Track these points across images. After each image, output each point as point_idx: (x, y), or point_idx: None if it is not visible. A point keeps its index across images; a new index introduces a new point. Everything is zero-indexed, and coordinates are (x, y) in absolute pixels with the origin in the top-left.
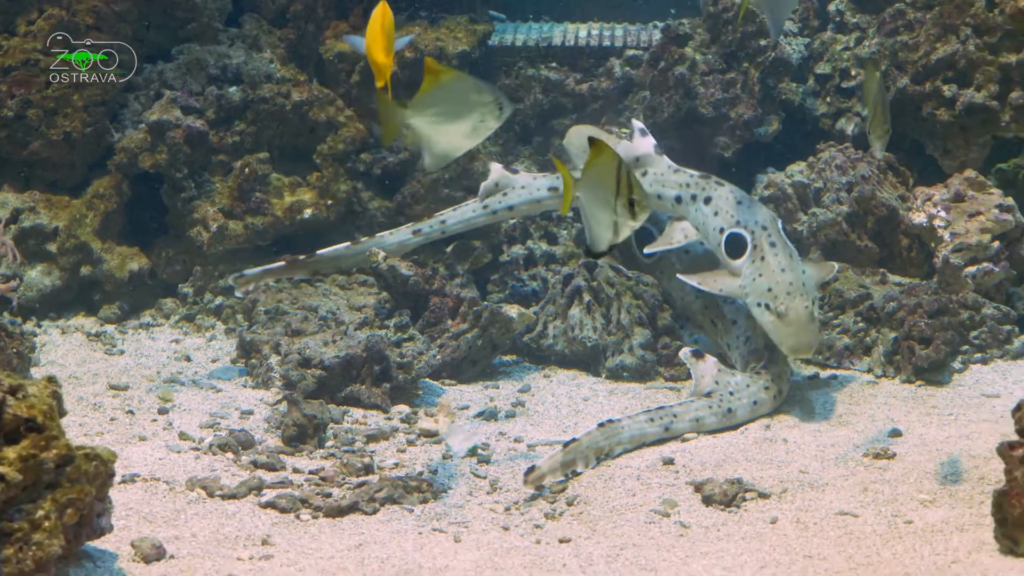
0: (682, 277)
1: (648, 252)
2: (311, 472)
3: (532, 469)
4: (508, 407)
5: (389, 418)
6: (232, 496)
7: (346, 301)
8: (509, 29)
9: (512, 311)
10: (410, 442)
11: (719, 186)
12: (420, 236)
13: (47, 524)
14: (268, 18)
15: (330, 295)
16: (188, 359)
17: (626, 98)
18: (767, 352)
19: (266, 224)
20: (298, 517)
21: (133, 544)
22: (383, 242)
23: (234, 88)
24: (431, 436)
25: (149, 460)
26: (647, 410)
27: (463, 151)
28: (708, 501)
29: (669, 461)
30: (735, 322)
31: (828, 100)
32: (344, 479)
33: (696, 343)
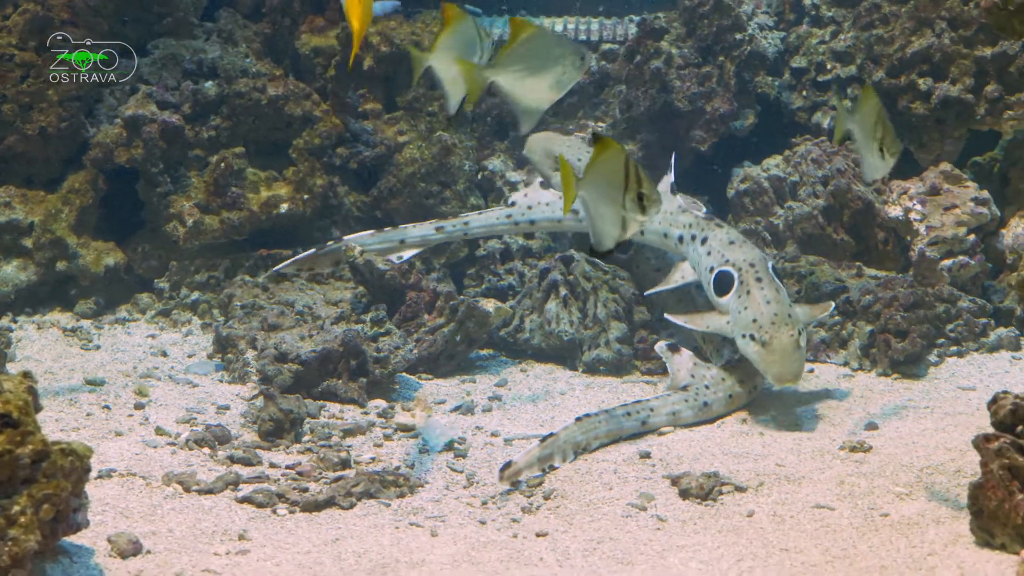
0: (669, 317)
1: (648, 294)
2: (288, 467)
3: (508, 464)
4: (485, 401)
5: (366, 412)
6: (209, 491)
7: (322, 296)
8: (484, 23)
9: (489, 305)
10: (387, 436)
11: (717, 228)
12: (442, 233)
13: (23, 520)
14: (244, 13)
15: (306, 290)
16: (164, 354)
17: (602, 92)
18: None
19: (242, 219)
20: (275, 512)
21: (110, 539)
22: (407, 234)
23: (210, 83)
24: (408, 430)
25: (125, 455)
26: (624, 404)
27: (549, 104)
28: (685, 495)
29: (646, 455)
30: None
31: (804, 94)
32: (321, 474)
33: (671, 336)
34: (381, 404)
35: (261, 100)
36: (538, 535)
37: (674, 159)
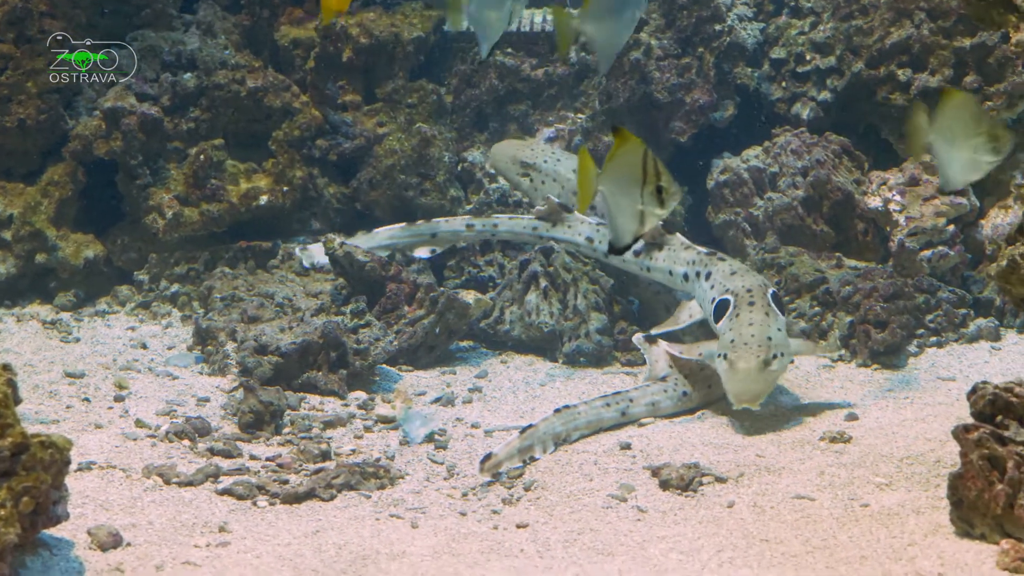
0: (670, 350)
1: (656, 333)
2: (268, 459)
3: (489, 456)
4: (465, 393)
5: (346, 404)
6: (189, 483)
7: (302, 287)
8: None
9: (469, 297)
10: (367, 428)
11: (720, 262)
12: (472, 232)
13: (2, 512)
14: (223, 4)
15: (286, 282)
16: (144, 346)
17: (581, 83)
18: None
19: (222, 211)
20: (255, 504)
21: (90, 532)
22: (438, 228)
23: (189, 75)
24: (388, 422)
25: (105, 448)
26: (603, 395)
27: (622, 45)
28: (665, 485)
29: (626, 446)
30: None
31: (783, 85)
32: (301, 466)
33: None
34: (361, 396)
35: (240, 92)
36: (518, 526)
37: None
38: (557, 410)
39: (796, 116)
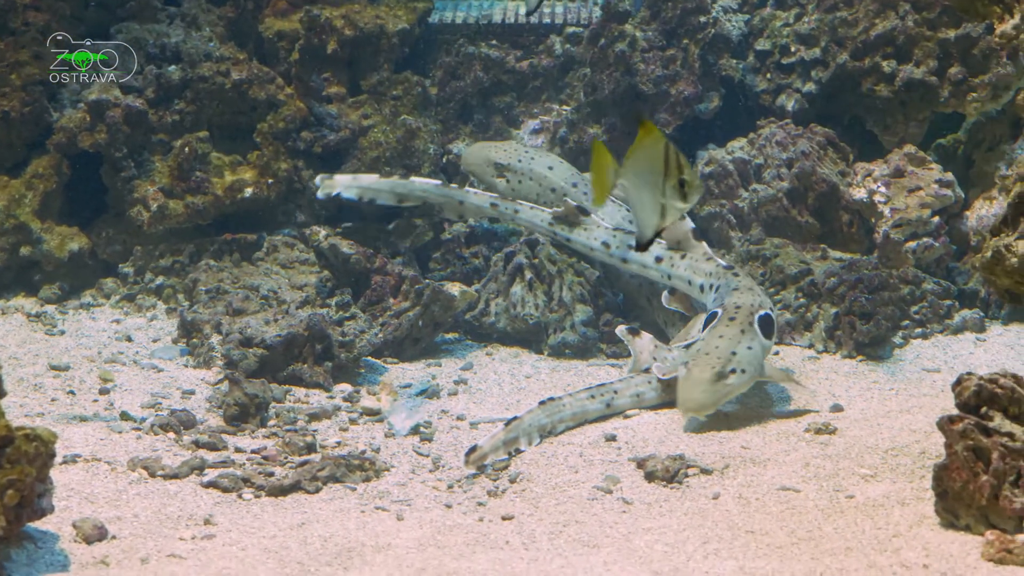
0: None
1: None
2: (253, 451)
3: (474, 449)
4: (450, 385)
5: (331, 397)
6: (174, 476)
7: (287, 280)
8: (449, 6)
9: (454, 289)
10: (352, 420)
11: (733, 277)
12: (495, 211)
13: None
14: None
15: (271, 274)
16: (129, 339)
17: (566, 75)
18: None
19: (207, 203)
20: (240, 496)
21: (75, 525)
22: (467, 197)
23: (173, 67)
24: (373, 414)
25: (90, 440)
26: (588, 387)
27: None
28: (650, 477)
29: (611, 438)
30: None
31: (768, 76)
32: (286, 458)
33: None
34: (347, 388)
35: (225, 84)
36: (504, 518)
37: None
38: (542, 402)
39: (781, 108)
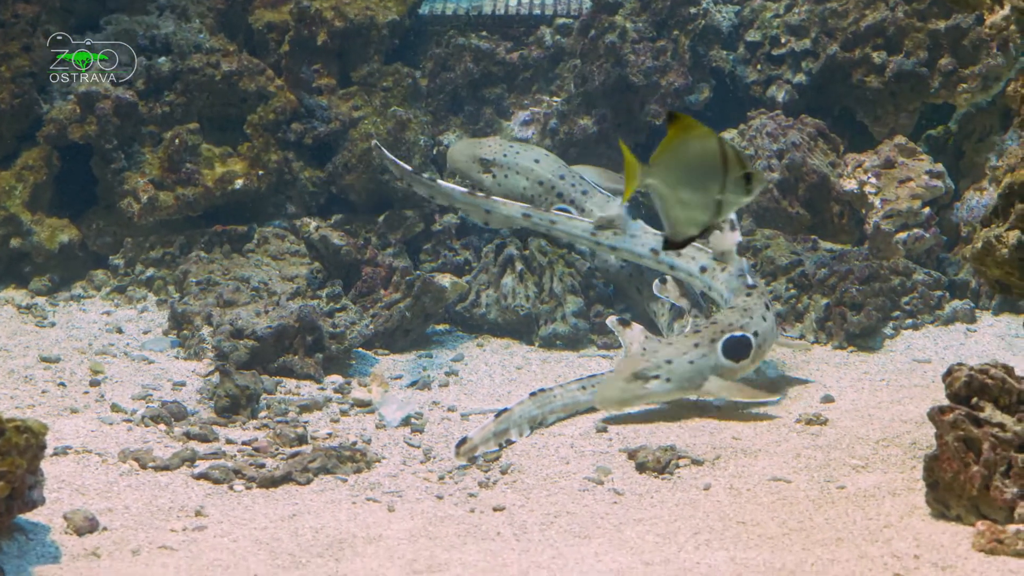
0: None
1: None
2: (244, 443)
3: (464, 440)
4: (441, 376)
5: (322, 388)
6: (165, 468)
7: (278, 271)
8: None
9: (445, 280)
10: (343, 412)
11: (745, 298)
12: (528, 221)
13: None
14: None
15: (262, 266)
16: (120, 331)
17: (557, 67)
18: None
19: (197, 195)
20: (231, 488)
21: (66, 516)
22: (495, 207)
23: (163, 59)
24: (364, 406)
25: (81, 432)
26: (579, 378)
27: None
28: (642, 468)
29: (602, 429)
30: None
31: (759, 67)
32: (277, 449)
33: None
34: (337, 380)
35: (215, 76)
36: (495, 509)
37: (733, 217)
38: (533, 393)
39: (771, 99)
